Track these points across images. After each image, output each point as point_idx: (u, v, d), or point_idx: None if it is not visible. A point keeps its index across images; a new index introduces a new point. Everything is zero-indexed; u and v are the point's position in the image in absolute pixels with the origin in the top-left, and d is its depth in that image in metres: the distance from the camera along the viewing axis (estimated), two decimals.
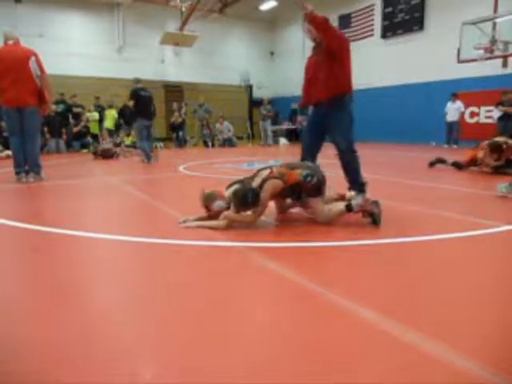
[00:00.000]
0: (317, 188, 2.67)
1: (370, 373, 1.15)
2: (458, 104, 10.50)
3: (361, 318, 1.46)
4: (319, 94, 3.29)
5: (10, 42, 4.88)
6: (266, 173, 2.72)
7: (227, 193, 2.79)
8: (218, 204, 2.75)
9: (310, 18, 2.97)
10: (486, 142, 5.50)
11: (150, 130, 7.65)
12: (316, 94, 3.32)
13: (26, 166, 5.00)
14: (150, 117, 7.51)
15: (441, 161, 6.05)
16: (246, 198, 2.54)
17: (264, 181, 2.66)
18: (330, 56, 3.15)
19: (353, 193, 3.19)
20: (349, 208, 2.72)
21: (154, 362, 1.20)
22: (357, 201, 2.81)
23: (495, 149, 5.37)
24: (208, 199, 2.77)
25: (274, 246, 2.33)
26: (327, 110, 3.28)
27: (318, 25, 3.01)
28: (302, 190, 2.70)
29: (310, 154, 3.43)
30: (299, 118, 3.98)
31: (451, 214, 3.16)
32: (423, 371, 1.16)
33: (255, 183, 2.69)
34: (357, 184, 3.33)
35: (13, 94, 4.74)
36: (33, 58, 4.78)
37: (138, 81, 7.58)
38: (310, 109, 3.62)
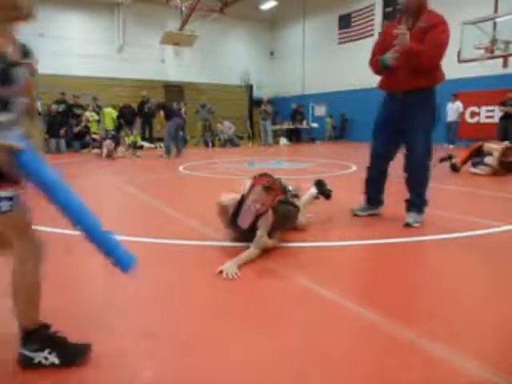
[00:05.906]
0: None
1: (370, 372, 1.16)
2: (457, 104, 10.49)
3: (361, 318, 1.46)
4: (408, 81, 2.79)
5: None
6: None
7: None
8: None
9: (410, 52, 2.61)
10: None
11: None
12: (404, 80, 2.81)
13: None
14: None
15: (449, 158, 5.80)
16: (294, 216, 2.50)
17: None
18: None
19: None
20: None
21: (154, 362, 1.21)
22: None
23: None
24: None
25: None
26: (409, 103, 2.87)
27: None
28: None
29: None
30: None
31: (451, 214, 3.16)
32: (423, 371, 1.16)
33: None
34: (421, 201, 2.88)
35: None
36: None
37: None
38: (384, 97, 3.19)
